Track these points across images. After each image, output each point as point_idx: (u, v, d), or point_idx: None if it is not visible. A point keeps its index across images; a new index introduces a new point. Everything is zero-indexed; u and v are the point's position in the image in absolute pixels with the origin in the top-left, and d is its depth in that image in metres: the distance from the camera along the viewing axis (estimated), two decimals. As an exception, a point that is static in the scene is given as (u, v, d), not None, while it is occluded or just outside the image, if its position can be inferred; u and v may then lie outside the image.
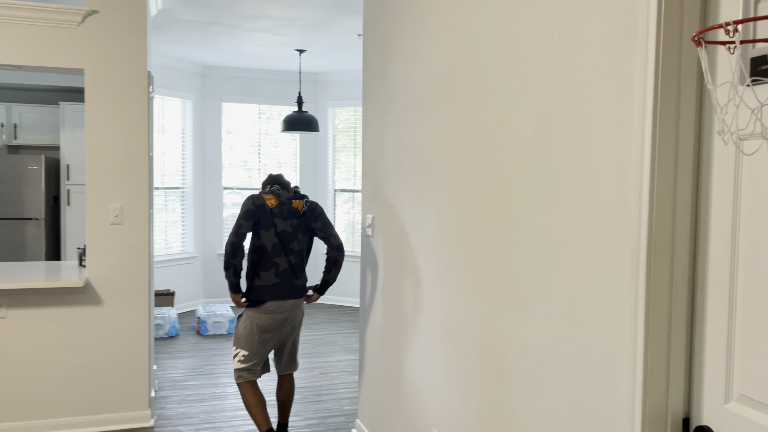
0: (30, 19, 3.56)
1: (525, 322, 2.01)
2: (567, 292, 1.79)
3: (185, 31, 5.53)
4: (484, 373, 2.28)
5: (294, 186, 3.64)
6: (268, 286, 3.30)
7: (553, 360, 1.86)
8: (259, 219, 3.31)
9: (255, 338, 3.33)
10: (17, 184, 5.66)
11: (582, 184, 1.71)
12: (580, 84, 1.72)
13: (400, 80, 3.12)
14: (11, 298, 3.62)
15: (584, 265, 1.71)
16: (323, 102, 7.69)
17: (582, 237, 1.72)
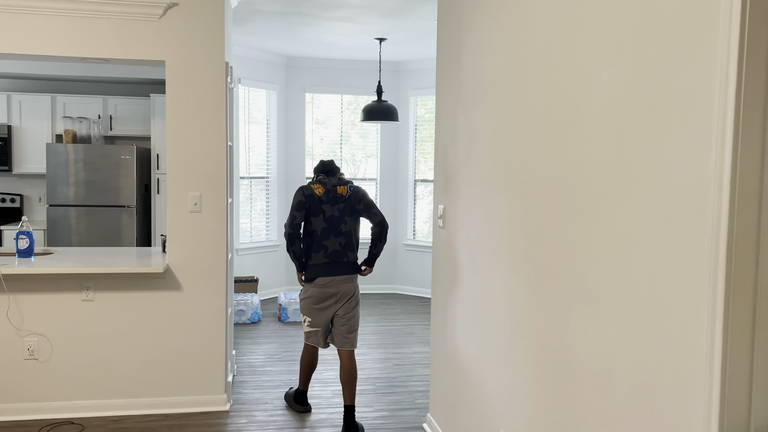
0: (115, 14, 3.69)
1: (594, 322, 1.87)
2: (639, 291, 1.64)
3: (267, 22, 5.61)
4: (552, 375, 2.15)
5: (340, 174, 3.89)
6: (318, 264, 3.74)
7: (624, 364, 1.71)
8: (309, 207, 3.73)
9: (312, 308, 3.81)
10: (112, 173, 5.95)
11: (657, 173, 1.55)
12: (656, 64, 1.56)
13: (471, 66, 2.99)
14: (98, 282, 3.80)
15: (658, 263, 1.55)
16: (405, 91, 7.62)
17: (656, 232, 1.56)
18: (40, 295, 3.74)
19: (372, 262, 3.91)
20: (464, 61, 3.11)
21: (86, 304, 3.79)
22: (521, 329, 2.40)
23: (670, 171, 1.50)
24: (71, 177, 5.87)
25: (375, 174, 7.82)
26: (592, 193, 1.87)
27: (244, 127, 7.07)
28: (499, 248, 2.63)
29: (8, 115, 6.19)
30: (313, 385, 4.47)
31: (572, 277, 2.00)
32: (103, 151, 5.92)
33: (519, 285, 2.43)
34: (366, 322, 6.30)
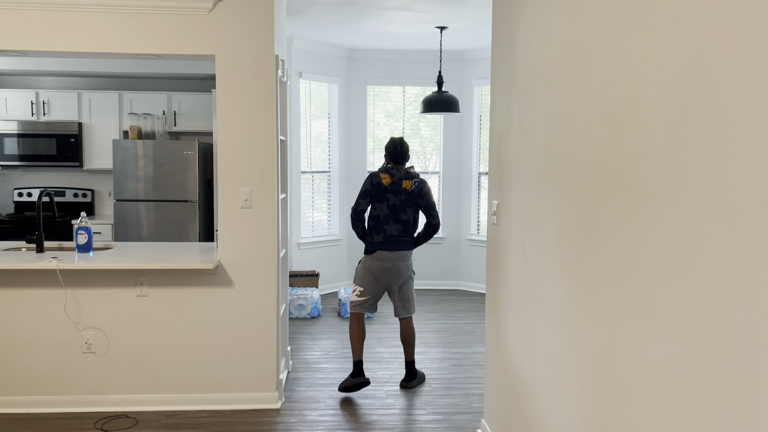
0: (165, 9, 3.68)
1: (650, 335, 1.65)
2: (699, 303, 1.42)
3: (325, 14, 5.52)
4: (605, 391, 1.94)
5: (408, 166, 4.31)
6: (379, 242, 4.21)
7: (682, 384, 1.49)
8: (375, 194, 4.23)
9: (368, 278, 4.25)
10: (176, 168, 6.04)
11: (720, 169, 1.33)
12: (719, 44, 1.33)
13: (525, 54, 2.78)
14: (152, 278, 3.82)
15: (721, 273, 1.33)
16: (468, 81, 7.38)
17: (719, 237, 1.34)
18: (96, 289, 3.79)
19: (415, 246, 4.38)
20: (518, 48, 2.90)
21: (140, 299, 3.82)
22: (573, 338, 2.20)
23: (735, 168, 1.27)
24: (137, 172, 6.00)
25: (438, 167, 7.64)
26: (650, 190, 1.65)
27: (305, 122, 7.04)
28: (552, 249, 2.43)
29: (79, 113, 6.39)
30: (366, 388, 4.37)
31: (628, 284, 1.79)
32: (166, 146, 6.02)
33: (572, 290, 2.22)
34: (426, 320, 6.15)
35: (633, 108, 1.74)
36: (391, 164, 4.25)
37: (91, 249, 4.00)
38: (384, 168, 4.24)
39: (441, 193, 7.63)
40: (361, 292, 4.26)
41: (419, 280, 7.54)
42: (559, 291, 2.34)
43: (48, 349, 3.80)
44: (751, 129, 1.22)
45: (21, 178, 6.76)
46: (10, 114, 6.36)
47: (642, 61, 1.69)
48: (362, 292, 4.26)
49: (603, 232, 1.95)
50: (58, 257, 3.77)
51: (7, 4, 3.60)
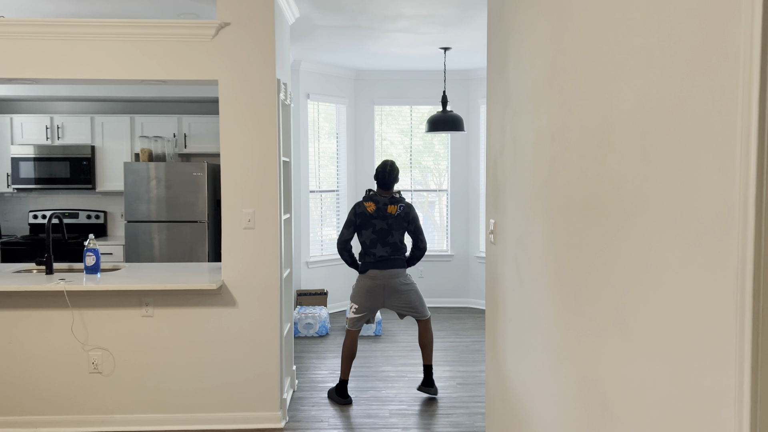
0: (169, 36, 3.79)
1: (628, 355, 1.67)
2: (668, 323, 1.44)
3: (329, 37, 5.62)
4: (590, 409, 1.95)
5: (394, 192, 4.48)
6: (370, 262, 4.39)
7: (657, 404, 1.51)
8: (360, 223, 4.40)
9: (362, 295, 4.41)
10: (186, 189, 6.14)
11: (684, 189, 1.36)
12: (679, 68, 1.37)
13: (516, 76, 2.83)
14: (157, 298, 3.89)
15: (686, 292, 1.35)
16: (474, 99, 7.44)
17: (683, 257, 1.36)
18: (103, 310, 3.87)
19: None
20: (510, 70, 2.95)
21: (146, 319, 3.89)
22: (562, 356, 2.21)
23: (696, 188, 1.30)
24: (148, 194, 6.11)
25: (446, 185, 7.68)
26: (624, 210, 1.68)
27: (314, 141, 7.13)
28: (542, 267, 2.45)
29: (92, 136, 6.54)
30: (370, 403, 4.38)
31: (606, 304, 1.81)
32: (176, 168, 6.13)
33: (560, 308, 2.24)
34: (435, 338, 6.14)
35: (607, 131, 1.78)
36: (375, 190, 4.47)
37: (98, 270, 4.08)
38: (368, 196, 4.44)
39: (449, 211, 7.66)
40: (356, 309, 4.43)
41: (428, 297, 7.54)
42: (549, 309, 2.36)
43: (55, 369, 3.87)
44: (708, 151, 1.26)
45: (36, 201, 6.91)
46: (25, 138, 6.52)
47: (615, 84, 1.73)
48: (358, 309, 4.43)
49: (584, 251, 1.98)
50: (66, 279, 3.86)
51: (20, 34, 3.73)
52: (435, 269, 7.63)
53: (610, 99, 1.77)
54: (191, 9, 4.57)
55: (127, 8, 4.51)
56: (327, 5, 4.54)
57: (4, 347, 3.84)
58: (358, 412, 4.22)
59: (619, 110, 1.70)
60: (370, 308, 4.44)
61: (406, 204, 4.46)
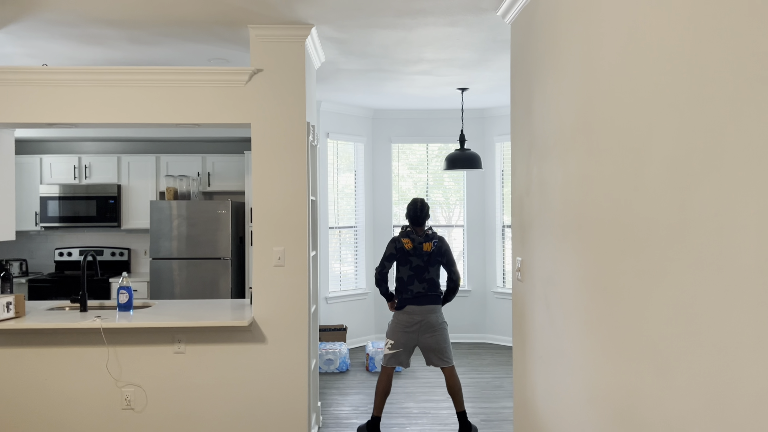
0: (205, 82, 3.96)
1: (666, 393, 1.75)
2: (707, 364, 1.53)
3: (351, 80, 5.81)
4: (628, 445, 2.02)
5: (427, 228, 4.61)
6: (407, 298, 4.47)
7: (698, 440, 1.59)
8: (398, 258, 4.51)
9: (399, 331, 4.48)
10: (210, 226, 6.28)
11: (724, 238, 1.46)
12: (720, 116, 1.48)
13: (542, 118, 2.96)
14: (189, 335, 3.98)
15: (726, 336, 1.45)
16: (490, 137, 7.60)
17: (723, 303, 1.46)
18: (136, 347, 3.96)
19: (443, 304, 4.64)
20: (535, 113, 3.08)
21: (178, 356, 3.98)
22: (596, 394, 2.29)
23: (738, 237, 1.41)
24: (172, 231, 6.24)
25: (462, 221, 7.79)
26: (658, 253, 1.78)
27: (332, 179, 7.29)
28: (573, 307, 2.54)
29: (118, 175, 6.72)
30: (396, 440, 4.42)
31: (643, 343, 1.90)
32: (201, 206, 6.28)
33: (593, 347, 2.32)
34: (454, 373, 6.18)
35: (641, 175, 1.89)
36: (411, 227, 4.56)
37: (131, 308, 4.19)
38: (404, 233, 4.54)
39: (466, 246, 7.75)
40: (392, 345, 4.48)
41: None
42: (581, 347, 2.44)
43: (89, 406, 3.95)
44: (746, 199, 1.36)
45: (62, 239, 7.06)
46: (54, 178, 6.71)
47: (647, 130, 1.84)
48: (393, 344, 4.47)
49: (618, 291, 2.07)
50: (101, 316, 3.96)
51: (61, 81, 3.91)
52: (452, 304, 7.68)
53: (643, 146, 1.88)
54: (221, 55, 4.76)
55: (160, 55, 4.71)
56: (353, 51, 4.72)
57: (41, 384, 3.94)
58: (384, 449, 4.26)
59: (653, 157, 1.82)
60: (405, 344, 4.48)
61: (439, 238, 4.57)
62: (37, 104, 3.94)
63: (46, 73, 3.93)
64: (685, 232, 1.63)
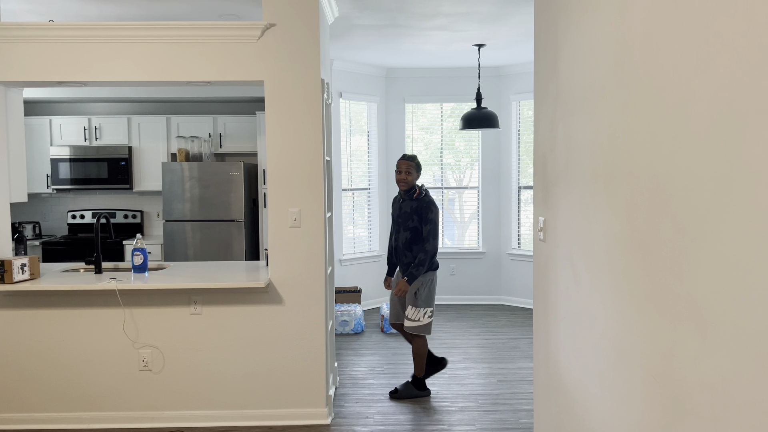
0: (215, 37, 3.84)
1: (706, 352, 1.67)
2: (756, 322, 1.44)
3: (365, 36, 5.65)
4: (661, 407, 1.96)
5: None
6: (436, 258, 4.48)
7: (742, 402, 1.52)
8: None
9: (434, 294, 4.46)
10: (222, 188, 6.22)
11: (776, 188, 1.36)
12: (773, 62, 1.37)
13: (569, 70, 2.83)
14: (205, 297, 3.95)
15: (779, 290, 1.36)
16: (506, 96, 7.43)
17: (776, 255, 1.37)
18: (152, 308, 3.94)
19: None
20: (561, 65, 2.95)
21: (194, 317, 3.95)
22: (626, 354, 2.22)
23: (792, 186, 1.31)
24: (185, 193, 6.19)
25: (476, 182, 7.68)
26: (702, 206, 1.68)
27: (345, 140, 7.17)
28: (602, 265, 2.46)
29: (129, 137, 6.64)
30: (412, 401, 4.41)
31: (680, 300, 1.81)
32: (213, 168, 6.20)
33: (623, 306, 2.25)
34: (469, 335, 6.16)
35: (683, 127, 1.78)
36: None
37: (146, 269, 4.15)
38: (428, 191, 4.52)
39: (480, 208, 7.65)
40: (431, 312, 4.44)
41: (459, 294, 7.58)
42: (611, 307, 2.37)
43: (107, 367, 3.95)
44: (807, 150, 1.26)
45: (74, 201, 7.03)
46: (64, 140, 6.64)
47: (692, 74, 1.73)
48: (432, 312, 4.45)
49: (654, 249, 1.98)
50: (117, 278, 3.93)
51: (68, 38, 3.80)
52: (466, 266, 7.64)
53: (685, 96, 1.77)
54: (232, 10, 4.62)
55: (169, 10, 4.57)
56: (368, 5, 4.57)
57: (59, 345, 3.93)
58: (401, 409, 4.26)
59: (695, 107, 1.70)
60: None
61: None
62: (43, 62, 3.84)
63: (52, 30, 3.82)
64: (733, 183, 1.53)
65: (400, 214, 4.45)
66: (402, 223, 4.43)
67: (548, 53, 3.17)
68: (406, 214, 4.40)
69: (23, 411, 3.95)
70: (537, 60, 3.39)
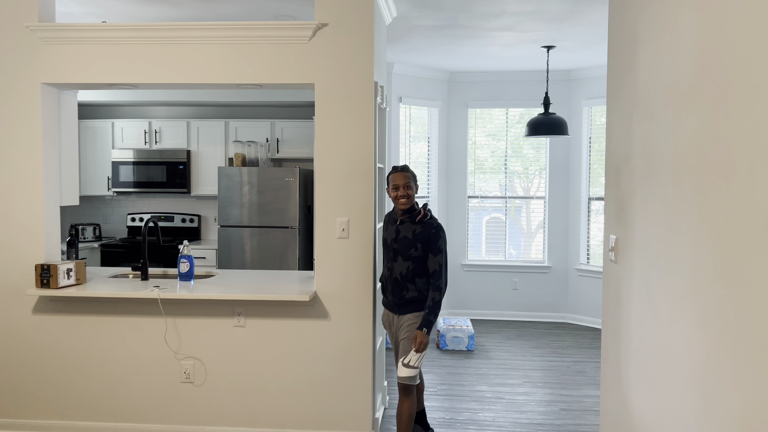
0: (265, 38, 3.66)
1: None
2: None
3: (425, 38, 5.39)
4: (760, 476, 1.61)
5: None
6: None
7: None
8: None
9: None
10: (278, 194, 6.08)
11: None
12: None
13: (649, 71, 2.49)
14: (249, 308, 3.77)
15: None
16: (577, 101, 7.00)
17: None
18: (195, 319, 3.79)
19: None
20: (640, 65, 2.60)
21: (238, 329, 3.78)
22: (715, 400, 1.87)
23: None
24: (241, 198, 6.08)
25: (543, 192, 7.27)
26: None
27: (404, 147, 6.93)
28: (685, 295, 2.10)
29: (188, 141, 6.61)
30: (466, 427, 4.10)
31: (791, 351, 1.47)
32: (269, 173, 6.07)
33: (711, 344, 1.89)
34: (531, 356, 5.79)
35: (798, 137, 1.44)
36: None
37: (192, 277, 4.02)
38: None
39: (547, 220, 7.25)
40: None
41: (522, 311, 7.20)
42: (696, 344, 2.02)
43: (149, 378, 3.83)
44: None
45: (134, 204, 7.06)
46: (125, 143, 6.67)
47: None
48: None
49: (752, 280, 1.64)
50: (161, 286, 3.80)
51: (120, 39, 3.72)
52: (530, 281, 7.25)
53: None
54: (286, 11, 4.46)
55: (224, 11, 4.46)
56: (428, 4, 4.31)
57: (102, 352, 3.84)
58: (454, 436, 3.96)
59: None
60: None
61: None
62: (95, 63, 3.77)
63: (104, 30, 3.74)
64: None
65: (397, 240, 3.50)
66: (401, 250, 3.48)
67: (624, 53, 2.82)
68: (407, 240, 3.46)
69: (66, 419, 3.87)
70: (611, 61, 3.05)
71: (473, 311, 7.31)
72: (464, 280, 7.34)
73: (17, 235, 3.83)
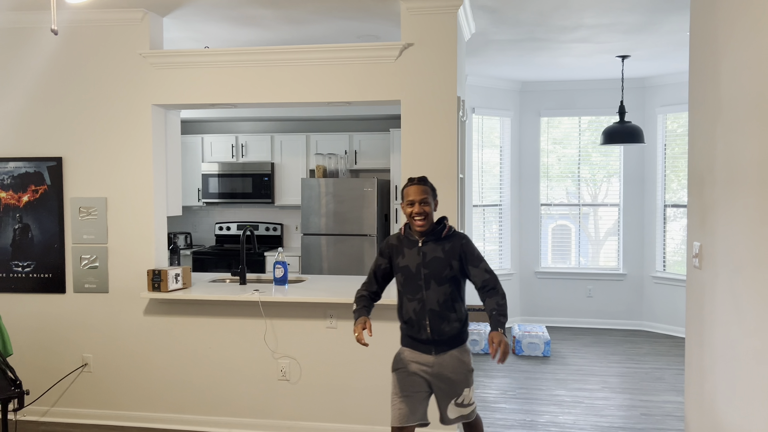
0: (356, 59, 3.93)
1: None
2: None
3: (500, 51, 5.55)
4: None
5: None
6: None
7: None
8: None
9: None
10: (356, 204, 6.35)
11: None
12: None
13: (732, 82, 2.59)
14: (340, 311, 4.02)
15: None
16: (651, 109, 6.99)
17: None
18: (291, 320, 4.07)
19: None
20: (723, 77, 2.70)
21: (330, 331, 4.04)
22: (805, 403, 1.97)
23: None
24: (321, 208, 6.39)
25: (617, 199, 7.28)
26: None
27: (477, 155, 7.09)
28: (773, 300, 2.20)
29: (272, 154, 6.98)
30: (548, 429, 4.22)
31: None
32: (348, 184, 6.36)
33: (801, 348, 1.99)
34: (608, 362, 5.83)
35: None
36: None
37: (286, 282, 4.31)
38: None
39: (621, 227, 7.24)
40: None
41: (597, 318, 7.22)
42: (784, 348, 2.11)
43: (248, 375, 4.13)
44: None
45: (221, 214, 7.49)
46: (214, 156, 7.11)
47: None
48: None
49: (844, 286, 1.74)
50: (259, 290, 4.11)
51: (222, 63, 4.06)
52: (605, 288, 7.25)
53: None
54: (370, 31, 4.71)
55: (312, 32, 4.75)
56: (506, 20, 4.48)
57: (206, 351, 4.17)
58: (536, 437, 4.08)
59: None
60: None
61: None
62: (198, 86, 4.12)
63: (207, 56, 4.09)
64: None
65: (426, 263, 2.96)
66: (433, 275, 2.96)
67: (706, 65, 2.92)
68: (439, 260, 2.95)
69: (174, 411, 4.22)
70: (692, 72, 3.14)
71: (547, 318, 7.37)
72: (537, 287, 7.41)
73: (131, 243, 4.22)
